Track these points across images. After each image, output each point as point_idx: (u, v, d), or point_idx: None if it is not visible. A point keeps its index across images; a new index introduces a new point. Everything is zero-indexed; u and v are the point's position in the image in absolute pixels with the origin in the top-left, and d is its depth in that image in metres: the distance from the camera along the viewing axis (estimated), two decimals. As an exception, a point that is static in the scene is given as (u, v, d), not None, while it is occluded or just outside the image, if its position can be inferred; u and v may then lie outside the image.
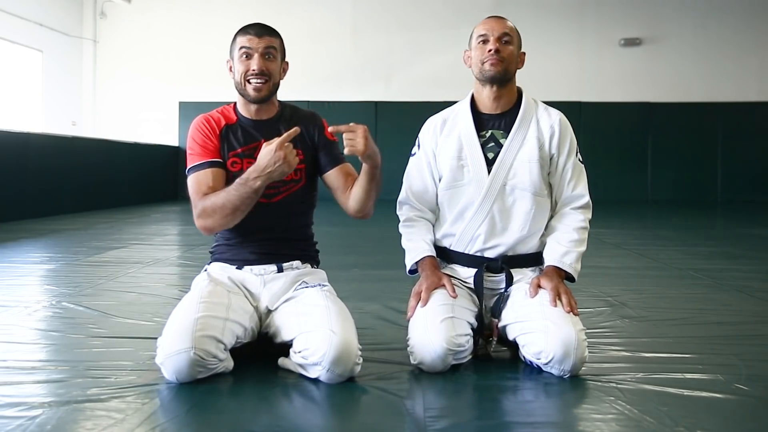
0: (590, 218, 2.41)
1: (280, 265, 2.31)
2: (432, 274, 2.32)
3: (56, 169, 8.79)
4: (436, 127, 2.43)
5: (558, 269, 2.29)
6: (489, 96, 2.36)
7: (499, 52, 2.30)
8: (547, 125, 2.36)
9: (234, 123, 2.35)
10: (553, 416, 1.92)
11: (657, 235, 7.06)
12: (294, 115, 2.40)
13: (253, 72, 2.25)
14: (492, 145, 2.35)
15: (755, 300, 3.49)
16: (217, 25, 13.03)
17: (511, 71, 2.35)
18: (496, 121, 2.37)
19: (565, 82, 13.02)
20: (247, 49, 2.26)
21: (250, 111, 2.35)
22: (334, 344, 1.98)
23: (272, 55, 2.28)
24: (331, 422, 1.88)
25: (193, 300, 2.13)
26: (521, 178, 2.32)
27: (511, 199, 2.34)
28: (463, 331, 2.18)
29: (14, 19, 11.36)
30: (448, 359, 2.13)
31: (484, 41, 2.33)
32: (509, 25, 2.36)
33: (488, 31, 2.32)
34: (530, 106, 2.38)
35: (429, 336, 2.13)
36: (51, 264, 4.63)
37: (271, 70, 2.28)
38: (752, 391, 2.02)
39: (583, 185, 2.39)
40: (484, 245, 2.36)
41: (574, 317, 2.15)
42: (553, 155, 2.36)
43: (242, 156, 2.30)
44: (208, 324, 2.02)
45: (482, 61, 2.32)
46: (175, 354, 1.97)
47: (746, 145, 13.00)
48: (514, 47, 2.34)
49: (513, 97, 2.40)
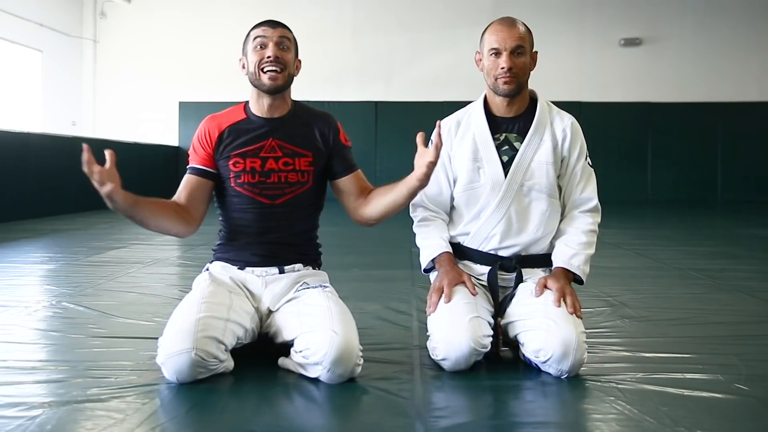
0: (599, 222, 2.41)
1: (282, 267, 2.30)
2: (452, 270, 2.31)
3: (56, 169, 8.79)
4: (451, 129, 2.43)
5: (566, 271, 2.29)
6: (502, 102, 2.37)
7: (512, 69, 2.29)
8: (560, 128, 2.37)
9: (240, 121, 2.31)
10: (553, 416, 1.92)
11: (657, 235, 7.06)
12: (307, 114, 2.36)
13: (268, 59, 2.21)
14: (506, 149, 2.36)
15: (755, 300, 3.49)
16: (217, 25, 13.05)
17: (524, 81, 2.35)
18: (510, 125, 2.38)
19: (565, 82, 13.01)
20: (262, 38, 2.23)
21: (262, 108, 2.31)
22: (335, 344, 1.98)
23: (286, 47, 2.26)
24: (331, 422, 1.88)
25: (194, 300, 2.12)
26: (538, 179, 2.33)
27: (528, 200, 2.35)
28: (488, 332, 2.18)
29: (14, 19, 11.36)
30: (472, 359, 2.13)
31: (496, 54, 2.30)
32: (521, 33, 2.31)
33: (500, 44, 2.29)
34: (545, 110, 2.39)
35: (456, 335, 2.12)
36: (51, 264, 4.63)
37: (286, 59, 2.25)
38: (752, 391, 2.02)
39: (592, 188, 2.40)
40: (500, 244, 2.36)
41: (576, 318, 2.15)
42: (564, 158, 2.37)
43: (245, 156, 2.27)
44: (210, 324, 2.02)
45: (495, 77, 2.31)
46: (175, 354, 1.96)
47: (746, 145, 13.00)
48: (527, 56, 2.32)
49: (526, 101, 2.40)
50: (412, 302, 3.31)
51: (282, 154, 2.29)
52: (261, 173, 2.27)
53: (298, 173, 2.29)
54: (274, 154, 2.28)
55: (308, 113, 2.37)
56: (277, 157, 2.28)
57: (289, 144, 2.29)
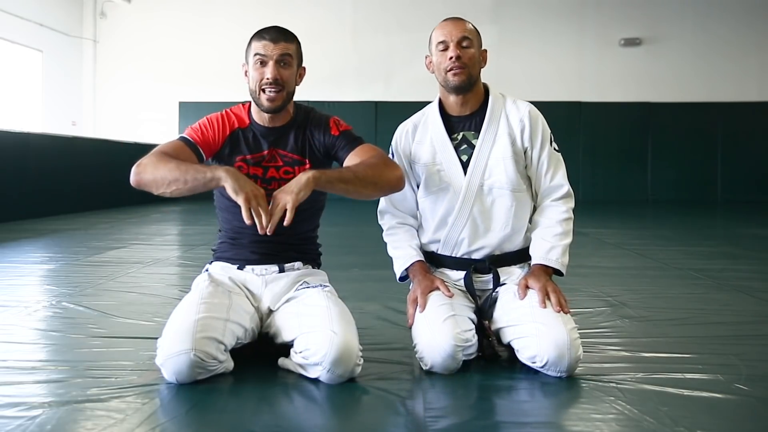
0: (573, 207, 2.38)
1: (282, 266, 2.31)
2: (424, 278, 2.31)
3: (56, 169, 8.80)
4: (408, 133, 2.42)
5: (545, 267, 2.28)
6: (456, 101, 2.36)
7: (460, 58, 2.28)
8: (517, 119, 2.34)
9: (246, 127, 2.33)
10: (552, 416, 1.92)
11: (657, 235, 7.06)
12: (306, 120, 2.35)
13: (267, 81, 2.22)
14: (465, 147, 2.34)
15: (755, 300, 3.49)
16: (217, 25, 13.06)
17: (475, 74, 2.33)
18: (466, 123, 2.36)
19: (565, 82, 13.02)
20: (261, 56, 2.23)
21: (263, 117, 2.32)
22: (335, 345, 1.98)
23: (287, 63, 2.25)
24: (331, 422, 1.88)
25: (193, 301, 2.12)
26: (497, 177, 2.31)
27: (490, 199, 2.33)
28: (467, 327, 2.18)
29: (14, 19, 11.37)
30: (458, 356, 2.13)
31: (444, 48, 2.31)
32: (468, 27, 2.33)
33: (447, 37, 2.30)
34: (497, 103, 2.36)
35: (435, 337, 2.12)
36: (51, 264, 4.63)
37: (285, 78, 2.24)
38: (752, 391, 2.02)
39: (561, 174, 2.36)
40: (470, 248, 2.35)
41: (564, 316, 2.13)
42: (526, 148, 2.34)
43: (250, 163, 2.30)
44: (209, 325, 2.02)
45: (445, 69, 2.30)
46: (174, 355, 1.96)
47: (746, 145, 13.00)
48: (475, 49, 2.32)
49: (480, 97, 2.38)
50: (412, 302, 3.31)
51: (282, 163, 2.31)
52: (263, 180, 2.28)
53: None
54: (275, 163, 2.31)
55: (307, 119, 2.36)
56: (278, 166, 2.31)
57: (289, 153, 2.31)
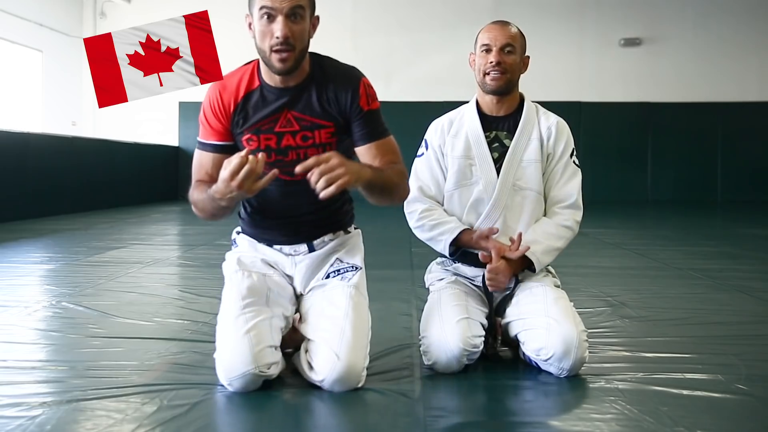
0: (578, 220, 2.38)
1: (311, 244, 2.17)
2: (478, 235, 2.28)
3: (56, 169, 8.79)
4: (443, 127, 2.45)
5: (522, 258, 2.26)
6: (492, 101, 2.40)
7: (500, 64, 2.31)
8: (546, 126, 2.40)
9: (255, 89, 2.06)
10: (553, 416, 1.92)
11: (657, 235, 7.06)
12: (326, 77, 2.06)
13: (276, 40, 1.92)
14: (496, 146, 2.38)
15: (755, 300, 3.49)
16: (217, 25, 12.99)
17: (514, 81, 2.37)
18: (501, 123, 2.40)
19: (565, 82, 13.02)
20: (268, 9, 1.91)
21: (274, 78, 2.03)
22: (336, 370, 1.96)
23: (300, 15, 1.93)
24: (331, 422, 1.88)
25: (236, 306, 2.03)
26: (528, 177, 2.35)
27: (519, 198, 2.36)
28: (478, 332, 2.19)
29: (14, 19, 11.36)
30: (463, 360, 2.14)
31: (486, 50, 2.34)
32: (513, 33, 2.35)
33: (491, 41, 2.32)
34: (532, 109, 2.42)
35: (445, 336, 2.13)
36: (51, 264, 4.62)
37: (297, 34, 1.93)
38: (752, 391, 2.02)
39: (573, 186, 2.38)
40: None
41: (577, 316, 2.17)
42: (549, 154, 2.39)
43: (258, 132, 2.05)
44: (261, 334, 1.98)
45: (484, 72, 2.34)
46: (240, 377, 1.94)
47: (746, 145, 12.99)
48: (517, 56, 2.35)
49: (516, 101, 2.42)
50: (412, 302, 3.31)
51: (299, 127, 2.04)
52: (277, 151, 2.05)
53: (318, 147, 2.03)
54: (290, 128, 2.04)
55: (327, 76, 2.06)
56: (294, 131, 2.04)
57: (307, 116, 2.04)
